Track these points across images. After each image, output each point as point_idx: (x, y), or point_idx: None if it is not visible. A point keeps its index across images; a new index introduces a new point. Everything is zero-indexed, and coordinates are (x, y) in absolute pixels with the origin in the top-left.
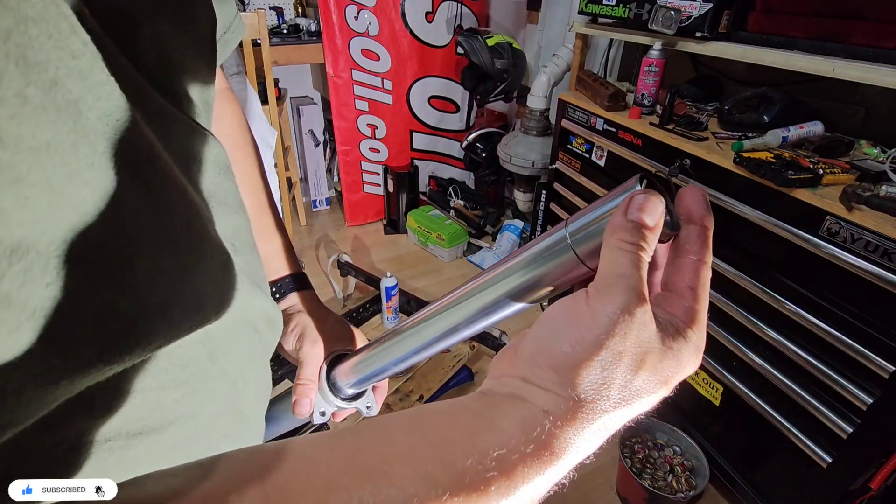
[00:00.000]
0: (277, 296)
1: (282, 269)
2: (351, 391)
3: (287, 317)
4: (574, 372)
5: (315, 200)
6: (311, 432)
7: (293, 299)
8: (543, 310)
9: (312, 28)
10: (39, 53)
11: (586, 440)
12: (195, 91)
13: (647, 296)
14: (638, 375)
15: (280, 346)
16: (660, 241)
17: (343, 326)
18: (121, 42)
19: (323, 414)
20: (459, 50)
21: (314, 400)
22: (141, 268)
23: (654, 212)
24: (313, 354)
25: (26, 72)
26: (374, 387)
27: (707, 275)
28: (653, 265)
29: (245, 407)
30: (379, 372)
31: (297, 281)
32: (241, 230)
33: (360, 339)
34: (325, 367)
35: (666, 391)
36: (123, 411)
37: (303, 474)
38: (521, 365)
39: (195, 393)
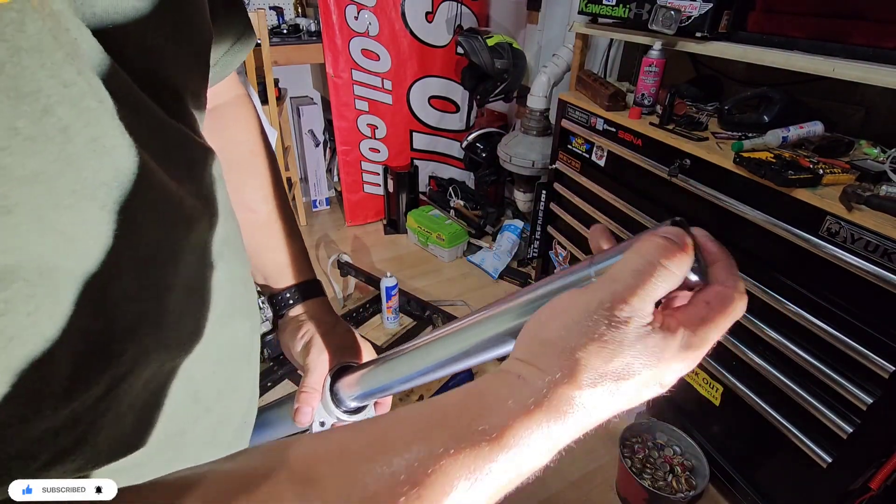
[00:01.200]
0: (291, 301)
1: (296, 276)
2: (353, 404)
3: (297, 323)
4: (553, 347)
5: (315, 200)
6: None
7: (305, 306)
8: None
9: (312, 28)
10: (32, 83)
11: (564, 406)
12: (190, 102)
13: (632, 303)
14: (613, 361)
15: (288, 350)
16: (688, 289)
17: (351, 337)
18: (120, 56)
19: (322, 424)
20: (459, 50)
21: (316, 409)
22: (114, 292)
23: (684, 236)
24: (319, 363)
25: (17, 103)
26: (376, 402)
27: (729, 299)
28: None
29: (228, 435)
30: (384, 388)
31: (311, 288)
32: (230, 236)
33: (368, 352)
34: (328, 378)
35: (655, 385)
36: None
37: (321, 451)
38: (520, 345)
39: (184, 434)
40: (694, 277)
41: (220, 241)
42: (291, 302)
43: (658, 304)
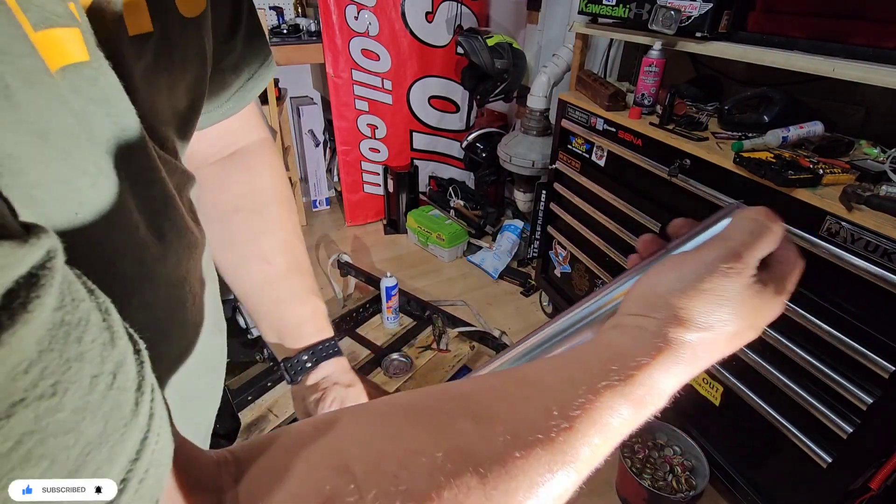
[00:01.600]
0: (309, 365)
1: (319, 333)
2: None
3: (319, 391)
4: (669, 298)
5: (315, 200)
6: None
7: (330, 367)
8: None
9: (312, 28)
10: (99, 129)
11: (682, 348)
12: (184, 138)
13: (746, 258)
14: (722, 308)
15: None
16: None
17: (378, 390)
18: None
19: None
20: (459, 50)
21: None
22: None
23: (775, 214)
24: None
25: (91, 146)
26: None
27: (796, 258)
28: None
29: (199, 442)
30: None
31: (329, 348)
32: (209, 254)
33: None
34: None
35: (751, 330)
36: None
37: (490, 392)
38: (631, 302)
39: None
40: None
41: (206, 258)
42: (309, 365)
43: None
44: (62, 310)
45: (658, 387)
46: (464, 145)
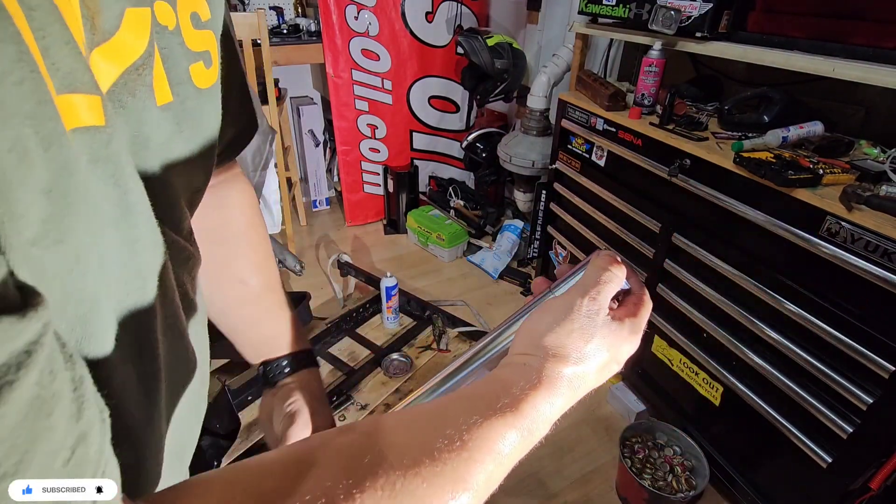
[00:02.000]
0: (287, 370)
1: (291, 346)
2: None
3: (287, 391)
4: (546, 339)
5: (315, 200)
6: None
7: (299, 376)
8: None
9: (312, 28)
10: (112, 180)
11: (559, 381)
12: (193, 209)
13: (598, 300)
14: (589, 343)
15: (267, 416)
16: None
17: (331, 423)
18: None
19: None
20: (459, 50)
21: None
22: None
23: (615, 255)
24: (300, 438)
25: (110, 190)
26: None
27: (646, 300)
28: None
29: (186, 459)
30: None
31: (306, 358)
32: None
33: None
34: None
35: (614, 363)
36: None
37: (402, 424)
38: (518, 343)
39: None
40: (626, 285)
41: (200, 281)
42: (288, 370)
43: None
44: (40, 384)
45: (542, 416)
46: (464, 145)
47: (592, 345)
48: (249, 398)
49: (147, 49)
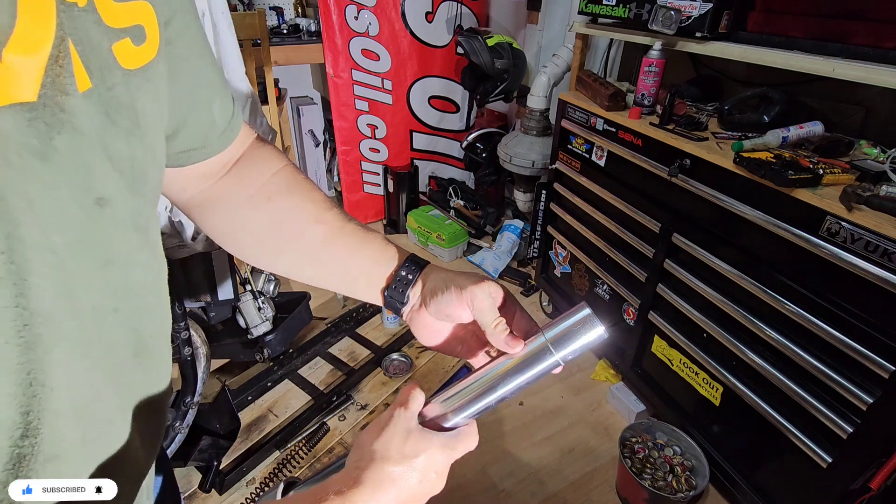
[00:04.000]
0: (410, 277)
1: (397, 259)
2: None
3: (432, 289)
4: (373, 444)
5: None
6: None
7: (425, 275)
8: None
9: (312, 28)
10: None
11: (384, 479)
12: (140, 193)
13: (412, 408)
14: (406, 444)
15: (446, 315)
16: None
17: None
18: None
19: None
20: (459, 50)
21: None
22: None
23: (413, 387)
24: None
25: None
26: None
27: (468, 433)
28: None
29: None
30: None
31: (419, 260)
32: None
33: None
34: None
35: (432, 471)
36: None
37: None
38: (352, 454)
39: None
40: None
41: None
42: (410, 277)
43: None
44: None
45: None
46: (464, 145)
47: (409, 446)
48: (249, 398)
49: (57, 34)
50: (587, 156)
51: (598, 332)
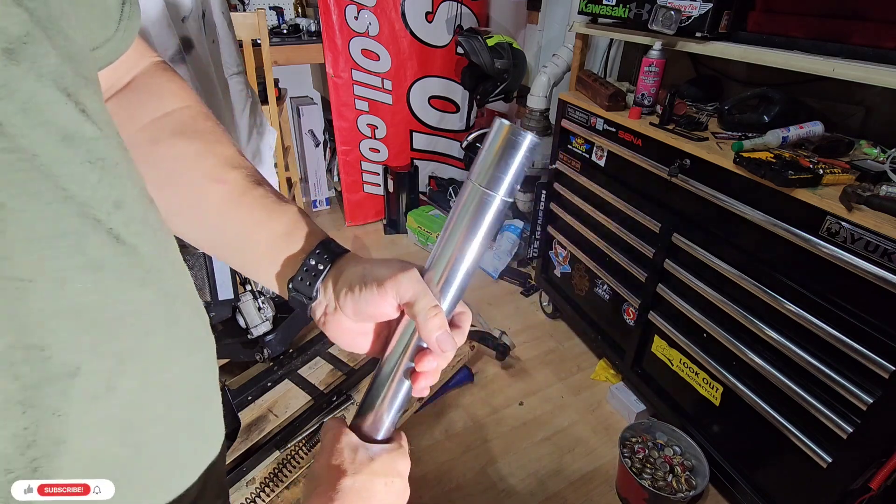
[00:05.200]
0: (321, 267)
1: (314, 236)
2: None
3: (347, 282)
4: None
5: (315, 200)
6: None
7: (338, 267)
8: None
9: (312, 28)
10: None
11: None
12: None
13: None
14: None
15: (363, 310)
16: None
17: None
18: None
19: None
20: (459, 50)
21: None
22: None
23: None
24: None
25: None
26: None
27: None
28: None
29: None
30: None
31: (333, 247)
32: None
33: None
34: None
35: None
36: None
37: None
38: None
39: None
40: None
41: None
42: (321, 268)
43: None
44: None
45: None
46: (464, 145)
47: (360, 456)
48: (249, 398)
49: None
50: (587, 156)
51: (527, 142)
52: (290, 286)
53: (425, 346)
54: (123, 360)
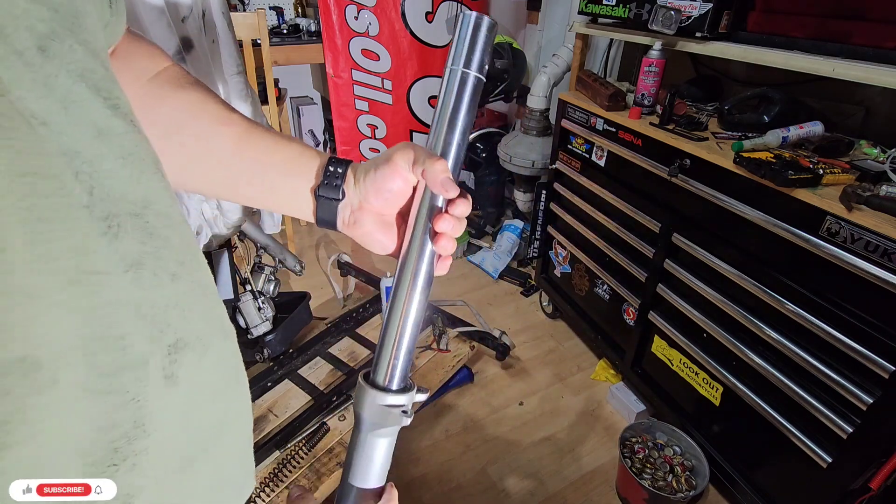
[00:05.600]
0: (340, 171)
1: (321, 155)
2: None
3: (365, 171)
4: None
5: None
6: None
7: (353, 169)
8: None
9: (312, 28)
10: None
11: None
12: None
13: None
14: None
15: (382, 194)
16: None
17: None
18: None
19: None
20: None
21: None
22: None
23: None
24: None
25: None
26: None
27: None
28: None
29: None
30: None
31: (343, 160)
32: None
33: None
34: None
35: None
36: None
37: None
38: None
39: None
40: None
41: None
42: (340, 171)
43: None
44: None
45: None
46: None
47: None
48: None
49: None
50: (587, 156)
51: (485, 22)
52: (319, 192)
53: (440, 204)
54: (177, 348)
